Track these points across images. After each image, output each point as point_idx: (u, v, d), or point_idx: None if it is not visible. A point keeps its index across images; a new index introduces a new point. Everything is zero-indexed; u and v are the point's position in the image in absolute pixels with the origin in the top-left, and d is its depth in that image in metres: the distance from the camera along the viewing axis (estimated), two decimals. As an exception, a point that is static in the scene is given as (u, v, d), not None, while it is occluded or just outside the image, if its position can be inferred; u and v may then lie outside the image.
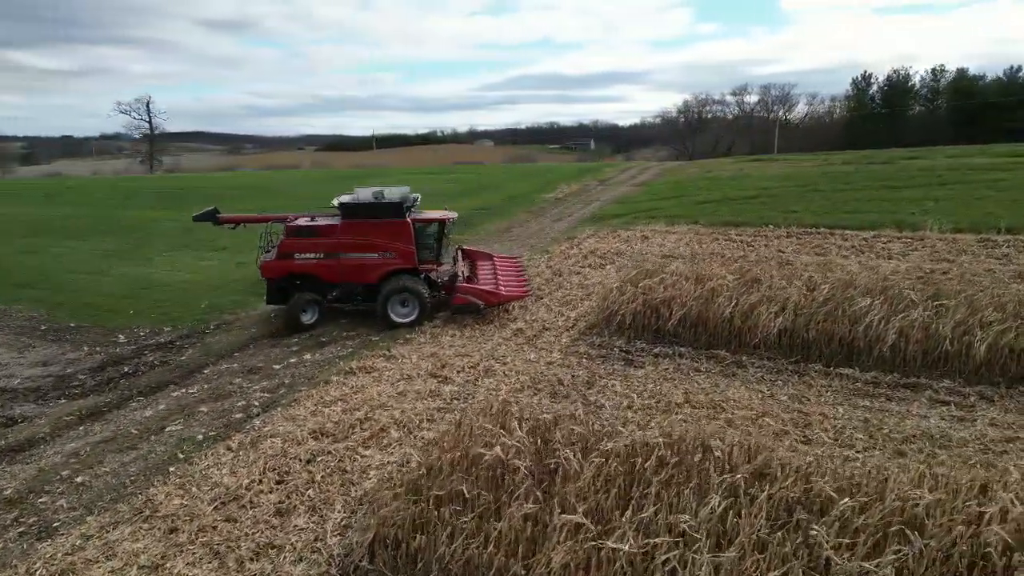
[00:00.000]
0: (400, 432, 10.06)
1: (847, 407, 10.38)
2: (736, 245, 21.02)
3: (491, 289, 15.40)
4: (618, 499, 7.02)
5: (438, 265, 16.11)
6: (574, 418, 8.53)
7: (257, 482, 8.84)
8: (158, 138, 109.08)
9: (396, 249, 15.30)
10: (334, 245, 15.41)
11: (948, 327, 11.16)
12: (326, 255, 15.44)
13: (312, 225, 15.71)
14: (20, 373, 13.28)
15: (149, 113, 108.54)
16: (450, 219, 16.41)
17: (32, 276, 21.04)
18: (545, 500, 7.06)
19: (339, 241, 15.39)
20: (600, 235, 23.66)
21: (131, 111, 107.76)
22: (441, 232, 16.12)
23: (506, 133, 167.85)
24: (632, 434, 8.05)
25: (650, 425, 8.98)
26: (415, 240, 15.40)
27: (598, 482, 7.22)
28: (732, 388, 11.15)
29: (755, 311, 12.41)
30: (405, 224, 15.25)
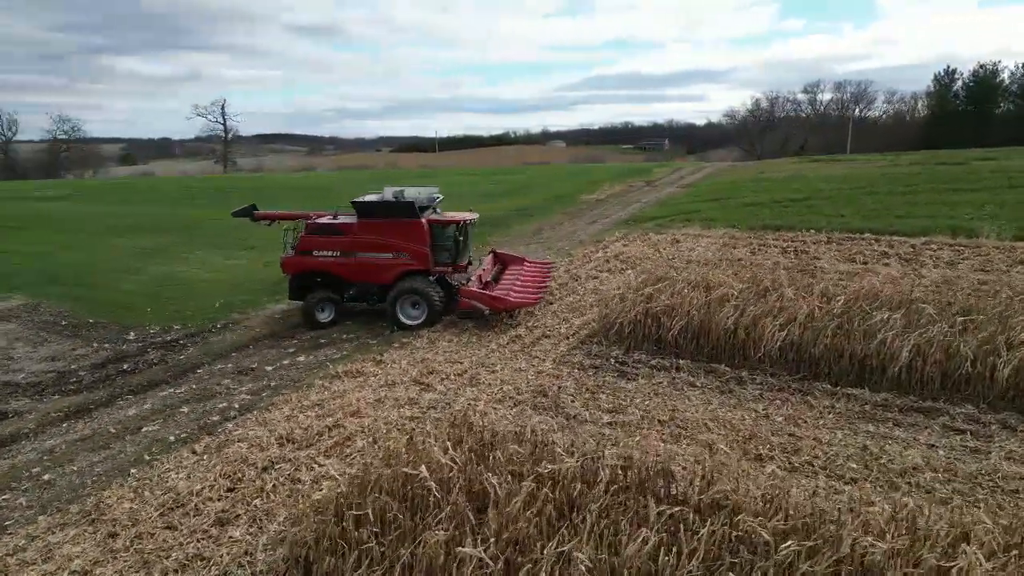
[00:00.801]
0: (365, 441, 9.72)
1: (847, 432, 9.46)
2: (769, 250, 19.90)
3: (496, 294, 14.86)
4: (549, 528, 6.49)
5: (456, 267, 15.66)
6: (519, 436, 7.98)
7: (208, 489, 8.65)
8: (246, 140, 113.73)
9: (409, 250, 15.05)
10: (350, 244, 15.32)
11: (971, 346, 10.04)
12: (342, 253, 15.37)
13: (329, 223, 15.70)
14: (27, 367, 13.62)
15: (224, 116, 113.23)
16: (468, 221, 15.97)
17: (70, 272, 21.80)
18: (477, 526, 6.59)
19: (355, 240, 15.30)
20: (629, 238, 22.85)
21: (207, 114, 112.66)
22: (460, 234, 15.66)
23: (579, 134, 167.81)
24: (584, 456, 7.49)
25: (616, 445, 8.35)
26: (432, 241, 15.11)
27: (532, 508, 6.70)
28: (725, 406, 10.37)
29: (759, 323, 11.53)
30: (419, 224, 14.96)
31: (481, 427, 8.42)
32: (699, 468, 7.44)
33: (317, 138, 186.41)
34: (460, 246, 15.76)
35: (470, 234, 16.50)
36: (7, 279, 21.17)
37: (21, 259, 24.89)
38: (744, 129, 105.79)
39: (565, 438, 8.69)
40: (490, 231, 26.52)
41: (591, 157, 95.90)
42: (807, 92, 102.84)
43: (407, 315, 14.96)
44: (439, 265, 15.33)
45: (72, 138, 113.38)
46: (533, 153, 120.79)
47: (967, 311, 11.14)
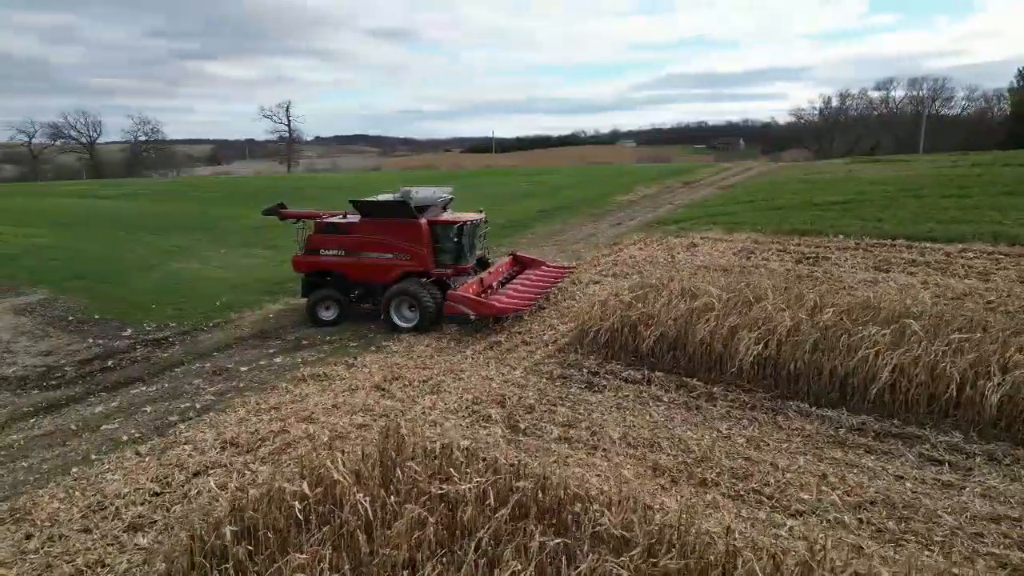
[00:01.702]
0: (304, 449, 9.47)
1: (811, 458, 8.68)
2: (788, 256, 18.86)
3: (482, 299, 14.36)
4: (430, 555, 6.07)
5: (457, 269, 15.26)
6: (446, 451, 7.57)
7: (134, 492, 8.59)
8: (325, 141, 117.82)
9: (408, 250, 14.84)
10: (353, 243, 15.28)
11: (960, 367, 9.08)
12: (347, 253, 15.35)
13: (334, 223, 15.71)
14: (22, 361, 13.99)
15: (288, 117, 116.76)
16: (471, 221, 15.56)
17: (93, 267, 22.49)
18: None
19: (357, 240, 15.23)
20: (646, 242, 22.06)
21: (272, 115, 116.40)
22: (463, 235, 15.23)
23: (650, 133, 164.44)
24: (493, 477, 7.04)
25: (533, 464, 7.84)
26: (433, 242, 14.84)
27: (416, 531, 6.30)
28: (687, 424, 9.71)
29: (736, 335, 10.78)
30: (417, 225, 14.71)
31: (412, 440, 8.06)
32: (614, 495, 6.90)
33: (392, 139, 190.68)
34: (462, 248, 15.36)
35: (475, 235, 16.07)
36: (42, 274, 22.03)
37: (60, 254, 25.91)
38: (811, 128, 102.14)
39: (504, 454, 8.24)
40: (511, 232, 26.14)
41: (659, 157, 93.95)
42: (880, 89, 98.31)
43: (402, 317, 14.72)
44: (440, 267, 15.02)
45: (152, 139, 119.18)
46: (600, 153, 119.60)
47: (969, 327, 10.12)
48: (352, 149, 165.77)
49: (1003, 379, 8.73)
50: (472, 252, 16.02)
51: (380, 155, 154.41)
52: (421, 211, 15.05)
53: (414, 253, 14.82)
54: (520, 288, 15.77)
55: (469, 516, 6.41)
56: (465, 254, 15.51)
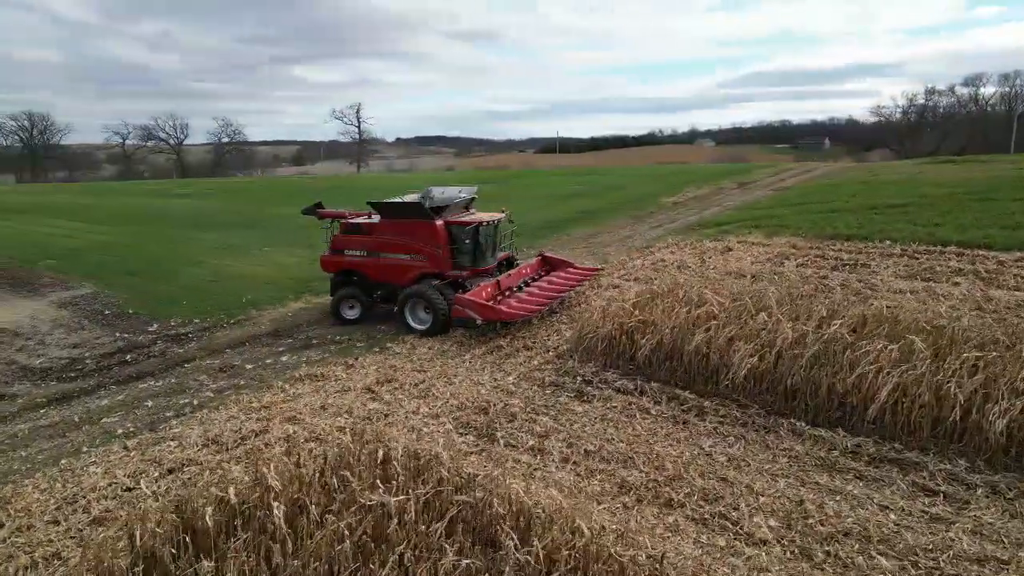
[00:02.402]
0: (279, 450, 9.49)
1: (792, 481, 8.10)
2: (825, 262, 17.88)
3: (488, 304, 13.93)
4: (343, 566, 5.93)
5: (475, 271, 15.01)
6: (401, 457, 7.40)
7: (109, 486, 8.79)
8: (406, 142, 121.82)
9: (424, 251, 14.79)
10: (374, 244, 15.36)
11: (967, 389, 8.29)
12: (368, 253, 15.45)
13: (357, 223, 15.83)
14: (50, 353, 14.64)
15: (358, 119, 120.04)
16: (490, 222, 15.25)
17: (144, 264, 23.44)
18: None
19: (377, 240, 15.29)
20: (680, 246, 21.34)
21: (343, 117, 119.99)
22: (480, 235, 14.95)
23: (729, 133, 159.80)
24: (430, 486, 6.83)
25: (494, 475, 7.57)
26: (450, 243, 14.68)
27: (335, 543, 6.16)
28: (670, 439, 9.25)
29: (733, 346, 10.20)
30: (432, 226, 14.61)
31: (357, 448, 7.95)
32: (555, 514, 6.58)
33: (469, 140, 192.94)
34: (481, 248, 15.11)
35: (496, 236, 15.82)
36: (94, 269, 23.12)
37: (118, 250, 27.16)
38: (895, 127, 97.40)
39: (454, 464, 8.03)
40: (547, 233, 25.84)
41: (736, 157, 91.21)
42: (969, 85, 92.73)
43: (417, 319, 14.61)
44: (458, 268, 14.83)
45: (234, 140, 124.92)
46: (676, 153, 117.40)
47: (993, 345, 9.24)
48: (430, 150, 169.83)
49: (1012, 403, 7.91)
50: (493, 253, 15.78)
51: (456, 156, 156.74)
52: (438, 212, 14.93)
53: (430, 254, 14.73)
54: (536, 292, 15.40)
55: (392, 529, 6.23)
56: (484, 255, 15.27)
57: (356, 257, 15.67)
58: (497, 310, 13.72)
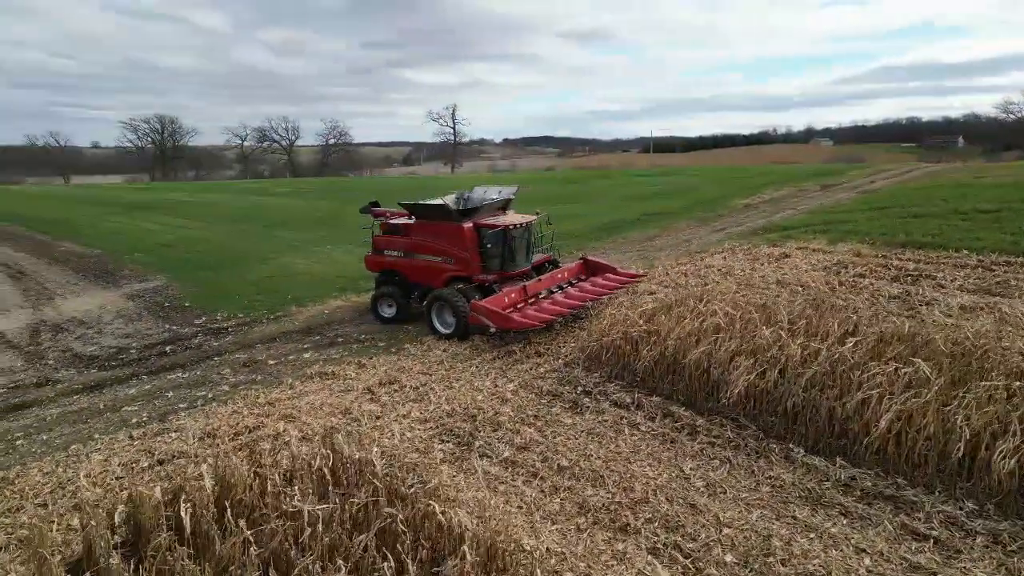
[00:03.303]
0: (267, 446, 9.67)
1: (767, 513, 7.43)
2: (886, 272, 16.42)
3: (502, 312, 13.35)
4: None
5: (503, 274, 14.70)
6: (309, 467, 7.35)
7: (103, 473, 9.19)
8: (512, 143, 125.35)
9: (452, 254, 14.73)
10: (410, 245, 15.48)
11: (977, 422, 7.33)
12: (405, 254, 15.60)
13: (396, 224, 16.02)
14: (102, 342, 15.62)
15: (454, 121, 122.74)
16: (521, 224, 14.83)
17: (218, 259, 24.79)
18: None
19: (412, 241, 15.42)
20: (734, 251, 20.23)
21: (439, 119, 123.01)
22: (509, 238, 14.60)
23: (849, 131, 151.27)
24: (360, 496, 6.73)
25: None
26: (479, 246, 14.47)
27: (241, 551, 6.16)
28: (651, 458, 8.72)
29: (733, 361, 9.51)
30: (459, 228, 14.48)
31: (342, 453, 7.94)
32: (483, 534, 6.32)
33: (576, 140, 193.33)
34: (512, 251, 14.80)
35: (528, 238, 15.41)
36: (172, 262, 24.72)
37: (201, 246, 28.88)
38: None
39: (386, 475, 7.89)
40: (602, 235, 25.29)
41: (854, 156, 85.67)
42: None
43: (444, 323, 14.44)
44: (488, 271, 14.59)
45: (340, 142, 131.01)
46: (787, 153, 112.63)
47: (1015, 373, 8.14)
48: (534, 150, 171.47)
49: (1017, 441, 6.91)
50: (527, 256, 15.46)
51: (558, 156, 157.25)
52: (468, 214, 14.78)
53: (458, 257, 14.61)
54: (563, 298, 14.79)
55: (305, 539, 6.16)
56: (515, 258, 14.96)
57: (394, 257, 15.82)
58: (509, 318, 13.17)
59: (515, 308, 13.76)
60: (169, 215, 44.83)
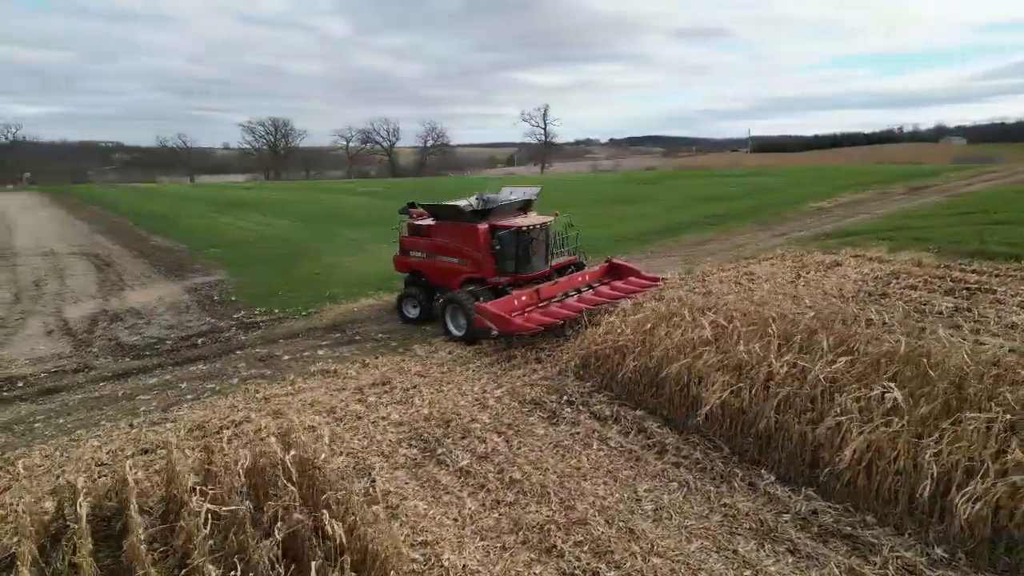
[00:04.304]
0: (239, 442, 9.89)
1: (707, 544, 6.87)
2: (939, 284, 14.97)
3: (505, 315, 13.00)
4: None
5: (518, 277, 14.46)
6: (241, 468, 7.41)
7: (89, 460, 9.67)
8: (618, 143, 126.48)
9: (468, 255, 14.67)
10: (431, 246, 15.53)
11: (948, 459, 6.49)
12: (427, 255, 15.67)
13: (419, 224, 16.13)
14: (146, 332, 16.50)
15: (545, 121, 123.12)
16: (536, 225, 14.50)
17: (280, 255, 25.83)
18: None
19: (432, 243, 15.47)
20: (783, 258, 19.03)
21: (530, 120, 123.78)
22: (522, 239, 14.31)
23: (987, 129, 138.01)
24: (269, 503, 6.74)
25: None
26: (493, 248, 14.27)
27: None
28: (608, 476, 8.30)
29: (711, 376, 8.89)
30: (473, 229, 14.39)
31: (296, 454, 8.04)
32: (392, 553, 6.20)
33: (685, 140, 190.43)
34: (526, 254, 14.52)
35: (546, 240, 15.05)
36: (238, 258, 25.99)
37: (272, 243, 30.18)
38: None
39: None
40: (656, 238, 24.52)
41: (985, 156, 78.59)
42: None
43: (458, 325, 14.21)
44: (503, 274, 14.41)
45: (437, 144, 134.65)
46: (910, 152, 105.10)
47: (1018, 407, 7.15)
48: (639, 150, 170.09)
49: (994, 485, 6.04)
50: (545, 258, 15.13)
51: (663, 156, 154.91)
52: (484, 214, 14.64)
53: (473, 258, 14.50)
54: (577, 301, 14.21)
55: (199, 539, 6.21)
56: (530, 260, 14.67)
57: (418, 258, 15.87)
58: (510, 321, 12.81)
59: (523, 311, 13.48)
60: (258, 212, 47.21)
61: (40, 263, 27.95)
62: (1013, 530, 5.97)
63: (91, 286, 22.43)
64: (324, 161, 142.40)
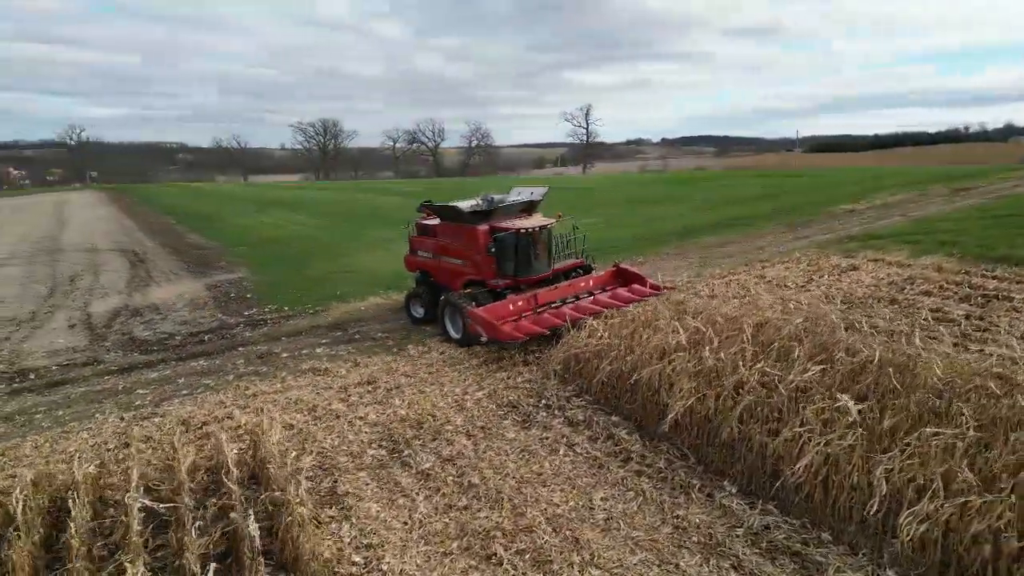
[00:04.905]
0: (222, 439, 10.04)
1: (650, 557, 6.66)
2: (954, 291, 14.29)
3: (495, 322, 12.73)
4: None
5: (517, 280, 14.21)
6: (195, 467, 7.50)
7: (73, 451, 9.92)
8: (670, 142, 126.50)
9: (468, 257, 14.62)
10: (436, 247, 15.53)
11: (899, 477, 6.15)
12: (433, 255, 15.67)
13: (426, 224, 16.16)
14: (159, 328, 16.92)
15: (587, 121, 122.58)
16: (527, 229, 14.00)
17: (305, 253, 26.35)
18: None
19: (439, 243, 15.48)
20: (797, 262, 18.44)
21: (572, 120, 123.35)
22: (523, 243, 14.03)
23: None
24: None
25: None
26: (499, 250, 13.99)
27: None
28: (567, 483, 8.14)
29: (680, 382, 8.64)
30: (473, 231, 14.23)
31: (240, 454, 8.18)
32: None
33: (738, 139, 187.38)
34: (526, 257, 14.19)
35: (548, 243, 14.77)
36: (265, 256, 26.54)
37: (302, 241, 30.71)
38: None
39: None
40: (675, 240, 24.09)
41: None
42: None
43: (455, 327, 14.07)
44: (503, 276, 14.19)
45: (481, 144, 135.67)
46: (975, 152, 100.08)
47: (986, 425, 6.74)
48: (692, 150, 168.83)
49: (941, 506, 5.69)
50: (548, 262, 14.86)
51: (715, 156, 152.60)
52: (485, 216, 14.50)
53: (472, 260, 14.40)
54: (572, 310, 13.56)
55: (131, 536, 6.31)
56: (530, 263, 14.36)
57: (425, 258, 15.88)
58: (498, 329, 12.55)
59: (518, 317, 13.29)
60: (294, 211, 48.15)
61: (80, 259, 29.06)
62: (963, 553, 5.61)
63: (121, 282, 23.15)
64: (374, 161, 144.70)
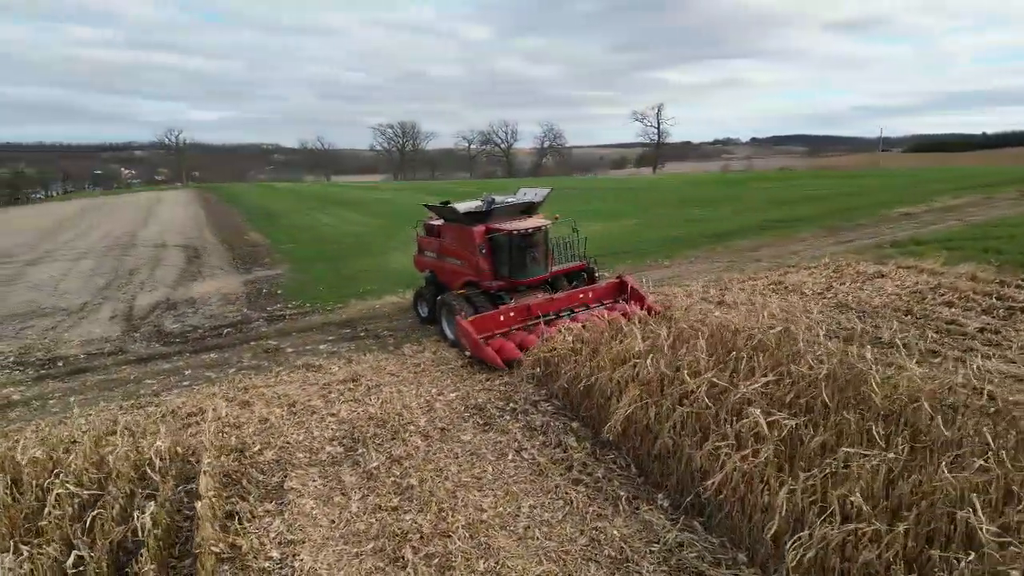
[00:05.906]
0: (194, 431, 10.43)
1: (558, 568, 6.52)
2: (978, 300, 13.28)
3: (479, 339, 12.38)
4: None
5: (513, 282, 14.00)
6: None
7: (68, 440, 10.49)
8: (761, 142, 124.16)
9: (466, 258, 14.57)
10: (440, 247, 15.67)
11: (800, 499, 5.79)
12: (437, 255, 15.82)
13: (431, 224, 16.35)
14: (187, 321, 17.69)
15: (659, 120, 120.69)
16: (521, 230, 13.66)
17: (344, 252, 26.97)
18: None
19: (442, 244, 15.63)
20: (821, 268, 17.52)
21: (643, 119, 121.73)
22: (517, 244, 13.75)
23: None
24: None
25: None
26: (493, 252, 13.99)
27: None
28: (506, 491, 8.05)
29: (625, 390, 8.41)
30: (469, 232, 14.11)
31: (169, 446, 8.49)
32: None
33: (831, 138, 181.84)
34: (520, 259, 13.89)
35: (545, 245, 14.44)
36: (305, 253, 27.34)
37: (350, 240, 31.51)
38: None
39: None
40: (706, 243, 23.37)
41: None
42: None
43: (451, 327, 13.99)
44: (500, 278, 14.01)
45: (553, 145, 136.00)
46: None
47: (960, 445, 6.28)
48: (782, 150, 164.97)
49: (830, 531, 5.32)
50: (545, 265, 14.50)
51: (805, 156, 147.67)
52: (482, 217, 14.42)
53: (469, 261, 14.37)
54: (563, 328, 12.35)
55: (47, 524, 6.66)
56: (525, 266, 14.02)
57: (431, 259, 16.00)
58: (480, 348, 12.24)
59: (508, 329, 13.07)
60: (353, 211, 49.42)
61: (146, 253, 30.78)
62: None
63: (171, 276, 24.36)
64: (451, 162, 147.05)
